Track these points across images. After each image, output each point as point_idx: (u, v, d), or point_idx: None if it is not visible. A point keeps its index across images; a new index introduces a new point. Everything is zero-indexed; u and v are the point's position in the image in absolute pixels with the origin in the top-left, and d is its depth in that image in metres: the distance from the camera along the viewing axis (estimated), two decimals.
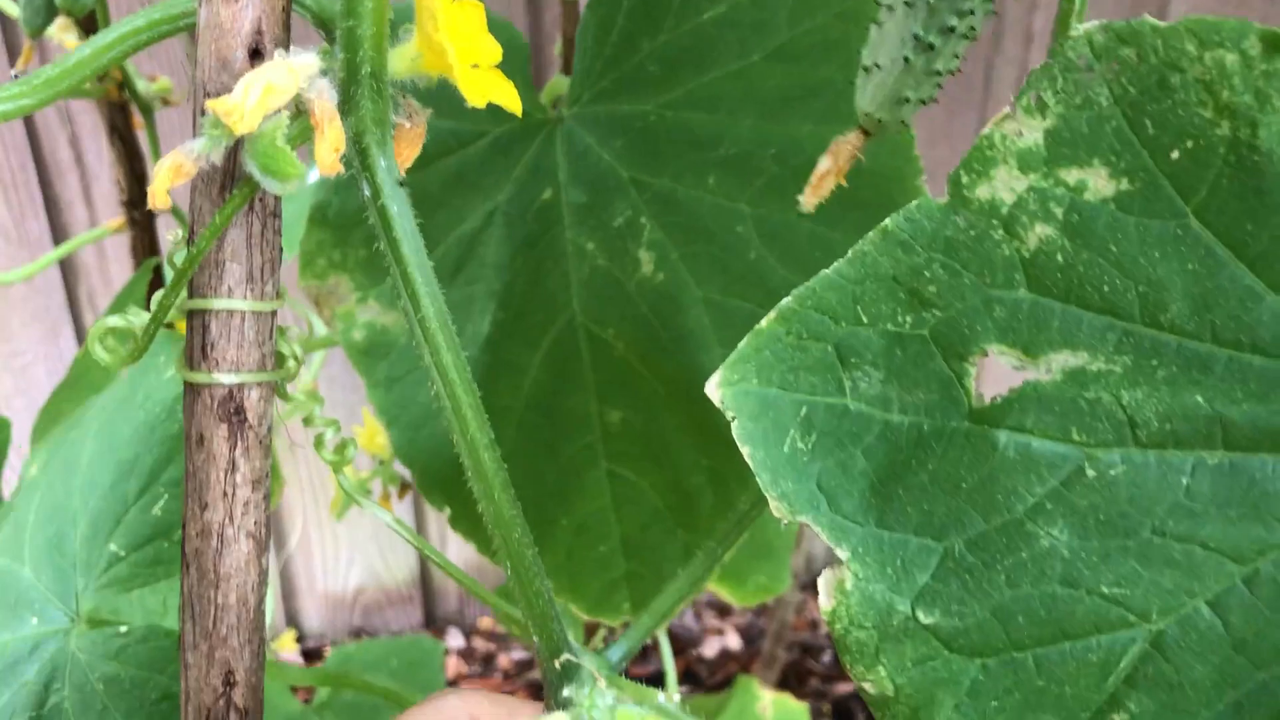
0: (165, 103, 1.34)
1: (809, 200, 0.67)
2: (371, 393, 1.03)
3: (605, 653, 0.66)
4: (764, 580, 1.87)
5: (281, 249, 0.62)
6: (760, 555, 1.89)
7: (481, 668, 3.09)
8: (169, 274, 0.60)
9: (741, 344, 0.57)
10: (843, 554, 0.57)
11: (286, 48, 0.58)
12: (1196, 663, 0.54)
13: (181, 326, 0.63)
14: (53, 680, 0.82)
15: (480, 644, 3.26)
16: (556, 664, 0.62)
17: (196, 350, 0.61)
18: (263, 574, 0.64)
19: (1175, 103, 0.51)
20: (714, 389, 0.57)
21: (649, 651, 3.13)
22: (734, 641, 3.12)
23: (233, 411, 0.61)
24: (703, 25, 0.93)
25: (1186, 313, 0.52)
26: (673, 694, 0.63)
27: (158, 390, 0.88)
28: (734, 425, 0.56)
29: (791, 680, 2.99)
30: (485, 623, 3.29)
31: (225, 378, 0.60)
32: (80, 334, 2.65)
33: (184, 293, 0.60)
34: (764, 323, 0.57)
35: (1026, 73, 0.53)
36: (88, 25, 1.31)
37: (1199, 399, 0.53)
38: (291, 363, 0.63)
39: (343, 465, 0.70)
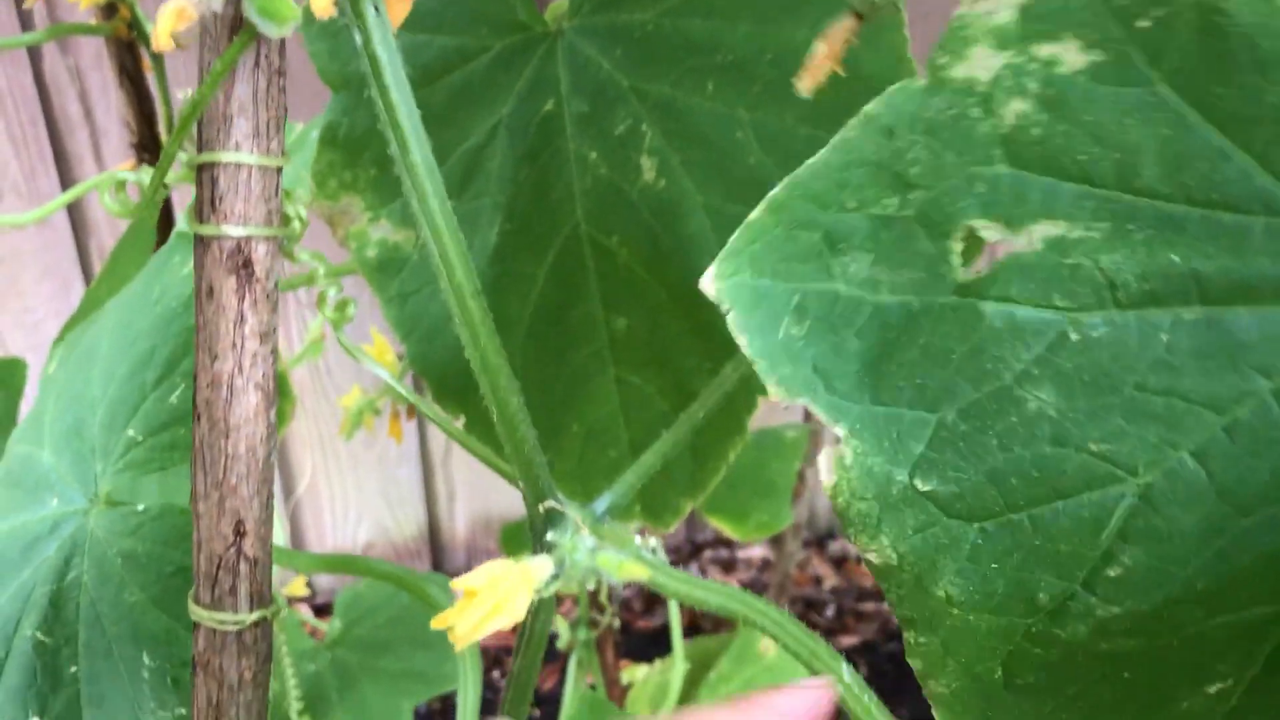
0: (175, 45, 1.35)
1: (806, 85, 0.68)
2: (386, 309, 1.05)
3: (590, 505, 0.68)
4: (765, 518, 1.90)
5: (286, 108, 0.64)
6: (762, 494, 1.91)
7: None
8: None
9: (733, 237, 0.59)
10: (841, 431, 0.59)
11: None
12: (1184, 513, 0.56)
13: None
14: (72, 555, 0.86)
15: None
16: (541, 509, 0.66)
17: (205, 203, 0.63)
18: (271, 427, 0.67)
19: None
20: (708, 283, 0.59)
21: (655, 605, 3.16)
22: None
23: (241, 264, 0.64)
24: None
25: (1160, 176, 0.54)
26: (650, 541, 0.65)
27: (174, 286, 0.90)
28: (729, 316, 0.59)
29: None
30: None
31: (233, 230, 0.63)
32: None
33: (193, 149, 0.63)
34: (754, 215, 0.59)
35: None
36: None
37: (1174, 258, 0.54)
38: (296, 223, 0.66)
39: (342, 323, 0.72)
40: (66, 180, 2.53)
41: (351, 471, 3.03)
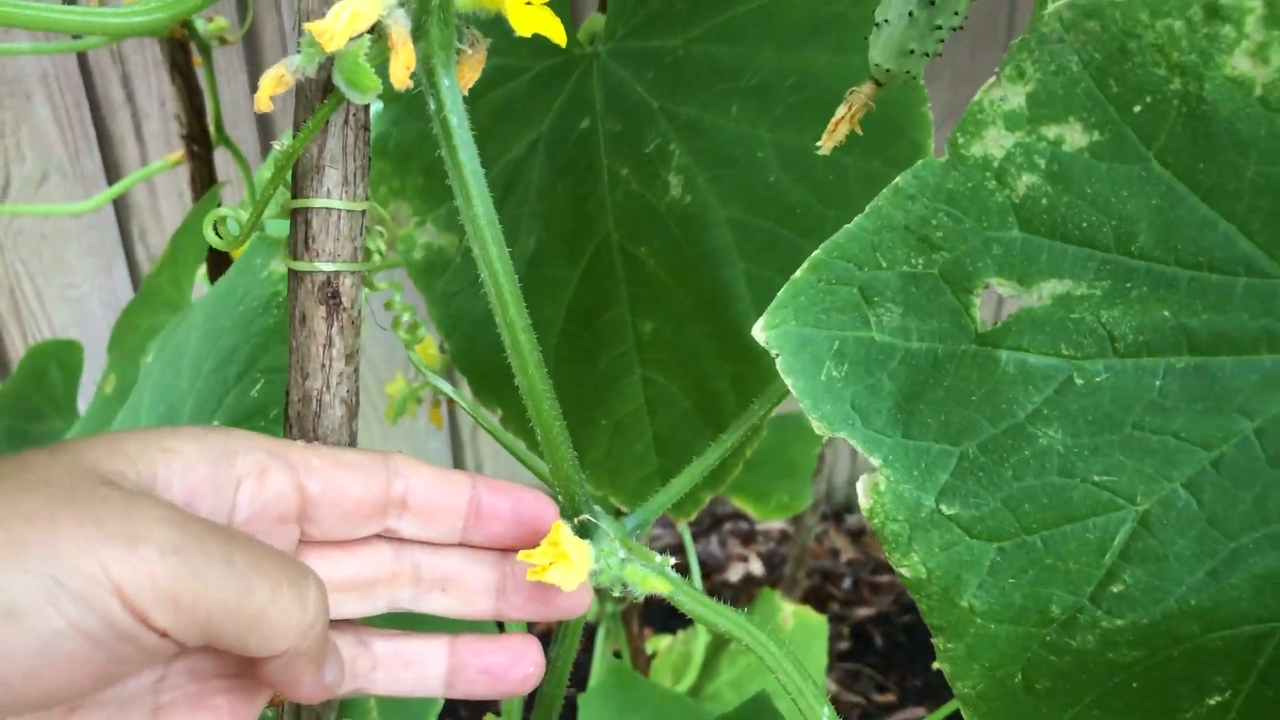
0: (222, 41, 1.39)
1: (826, 144, 0.76)
2: (431, 308, 1.11)
3: (622, 520, 0.75)
4: (786, 499, 1.94)
5: (370, 158, 0.72)
6: (783, 475, 1.95)
7: None
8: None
9: (780, 293, 0.66)
10: (876, 461, 0.66)
11: None
12: (1178, 537, 0.64)
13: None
14: None
15: None
16: (576, 521, 0.72)
17: (299, 243, 0.70)
18: (352, 435, 0.75)
19: (1134, 64, 0.60)
20: (759, 332, 0.66)
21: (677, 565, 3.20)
22: (757, 568, 3.20)
23: (330, 295, 0.71)
24: None
25: (1153, 241, 0.61)
26: (669, 560, 0.72)
27: (255, 288, 0.96)
28: (778, 361, 0.66)
29: (813, 604, 3.04)
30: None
31: (324, 265, 0.70)
32: (132, 267, 2.70)
33: (288, 193, 0.70)
34: (798, 274, 0.66)
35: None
36: None
37: (1166, 313, 0.62)
38: (377, 256, 0.73)
39: (414, 343, 0.79)
40: (109, 161, 2.58)
41: (382, 444, 3.07)
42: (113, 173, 2.59)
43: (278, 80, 0.65)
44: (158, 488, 0.58)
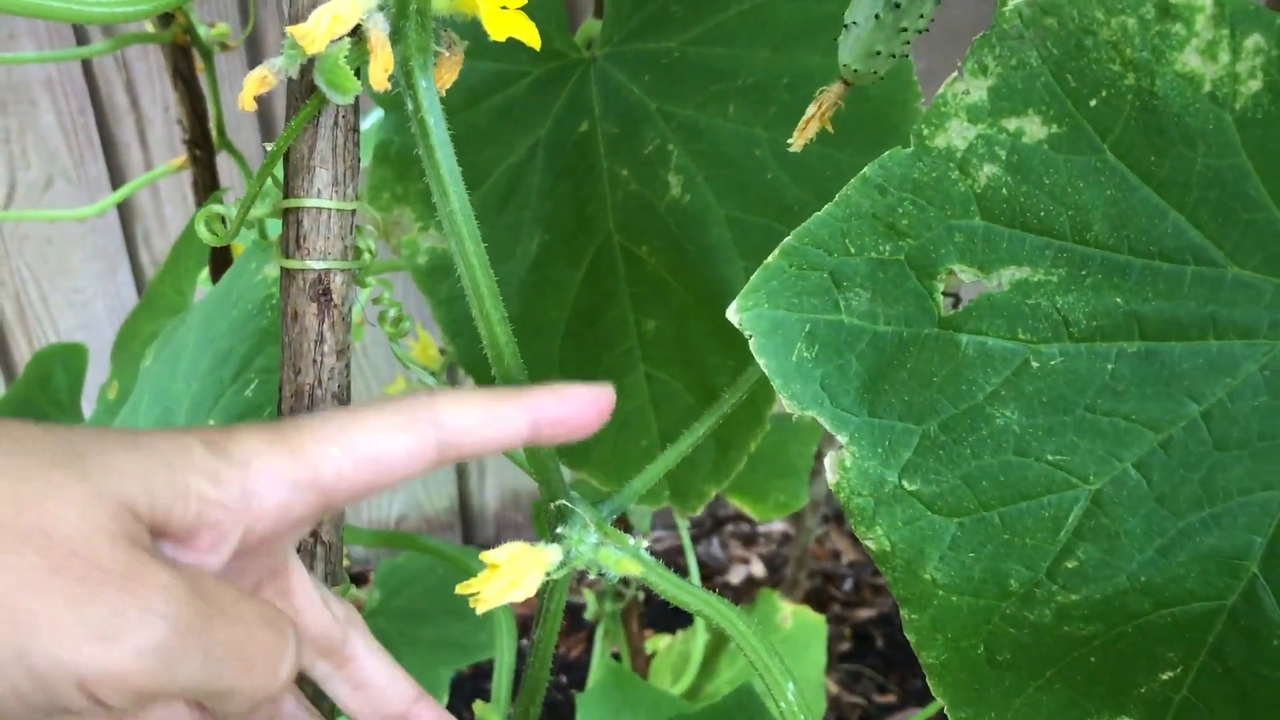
0: (223, 47, 1.42)
1: (797, 141, 0.78)
2: (435, 310, 1.13)
3: (599, 505, 0.77)
4: (783, 498, 1.95)
5: (359, 158, 0.74)
6: (780, 474, 1.96)
7: None
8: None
9: (753, 276, 0.69)
10: (842, 439, 0.69)
11: None
12: (1128, 515, 0.67)
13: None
14: None
15: None
16: (553, 506, 0.75)
17: (291, 241, 0.73)
18: None
19: (1090, 60, 0.63)
20: (733, 314, 0.69)
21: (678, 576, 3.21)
22: (759, 569, 3.20)
23: (321, 292, 0.74)
24: None
25: (1107, 230, 0.64)
26: (643, 542, 0.74)
27: (250, 291, 0.98)
28: (751, 342, 0.69)
29: (813, 605, 3.03)
30: None
31: (315, 264, 0.73)
32: (137, 271, 2.72)
33: (280, 193, 0.73)
34: (770, 258, 0.69)
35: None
36: None
37: (1119, 300, 0.65)
38: (366, 255, 0.76)
39: (399, 336, 0.82)
40: (114, 166, 2.60)
41: None
42: (117, 178, 2.61)
43: (260, 80, 0.67)
44: (171, 522, 0.55)
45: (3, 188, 2.58)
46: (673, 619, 2.96)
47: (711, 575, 3.19)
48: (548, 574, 0.71)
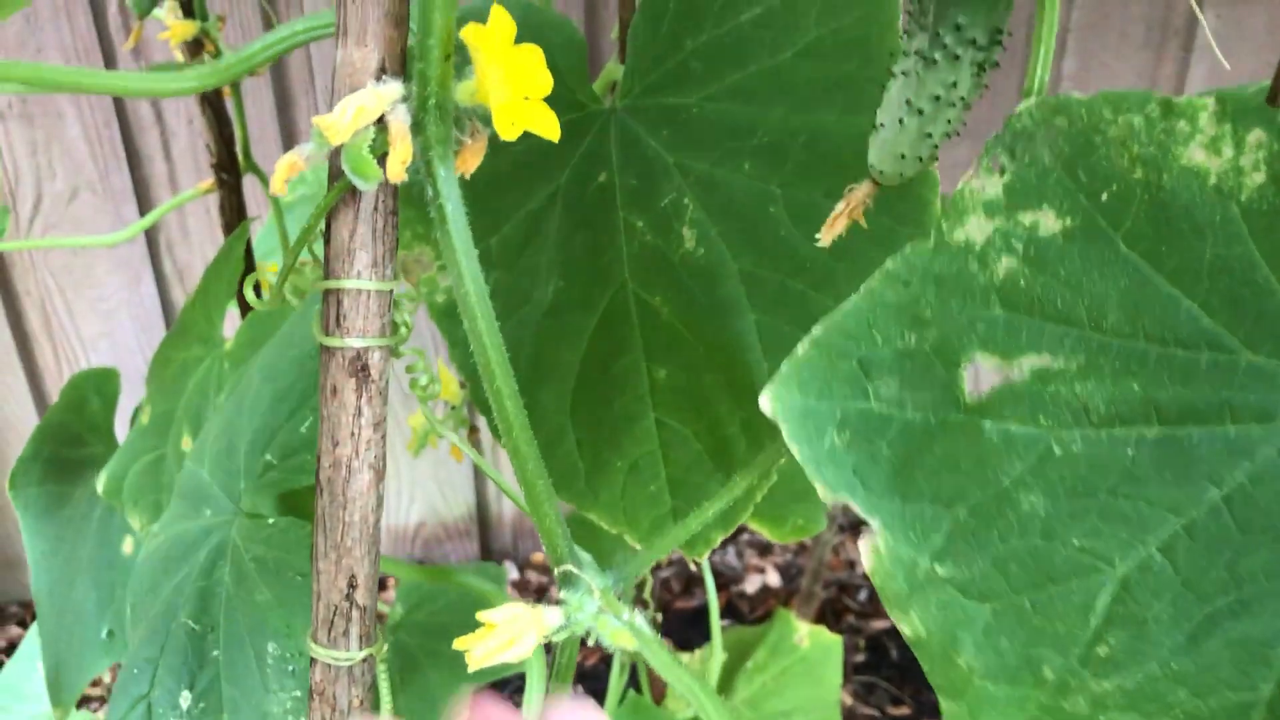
0: (250, 73, 1.43)
1: (825, 237, 0.79)
2: (452, 351, 1.13)
3: (607, 572, 0.79)
4: (801, 521, 1.94)
5: (398, 240, 0.77)
6: (798, 498, 1.95)
7: (535, 599, 3.19)
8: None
9: (783, 367, 0.70)
10: (875, 524, 0.70)
11: (401, 76, 0.72)
12: (1155, 600, 0.67)
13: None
14: (218, 558, 1.01)
15: (533, 576, 3.39)
16: (558, 571, 0.77)
17: (331, 320, 0.76)
18: (380, 498, 0.80)
19: (1100, 156, 0.65)
20: (766, 403, 0.70)
21: (693, 586, 3.21)
22: (774, 579, 3.23)
23: (360, 369, 0.76)
24: (740, 26, 1.02)
25: (1123, 318, 0.66)
26: (640, 615, 0.77)
27: (309, 334, 1.03)
28: (783, 430, 0.70)
29: (829, 616, 3.05)
30: (538, 557, 3.41)
31: (354, 342, 0.75)
32: (160, 281, 2.76)
33: (320, 272, 0.75)
34: (799, 350, 0.70)
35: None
36: (186, 7, 1.42)
37: (1136, 386, 0.66)
38: (403, 329, 0.79)
39: (429, 398, 0.84)
40: (138, 178, 2.62)
41: (409, 468, 3.15)
42: (141, 189, 2.64)
43: (291, 166, 0.70)
44: None
45: (29, 199, 2.61)
46: (688, 629, 2.96)
47: (727, 585, 3.20)
48: (545, 636, 0.72)
